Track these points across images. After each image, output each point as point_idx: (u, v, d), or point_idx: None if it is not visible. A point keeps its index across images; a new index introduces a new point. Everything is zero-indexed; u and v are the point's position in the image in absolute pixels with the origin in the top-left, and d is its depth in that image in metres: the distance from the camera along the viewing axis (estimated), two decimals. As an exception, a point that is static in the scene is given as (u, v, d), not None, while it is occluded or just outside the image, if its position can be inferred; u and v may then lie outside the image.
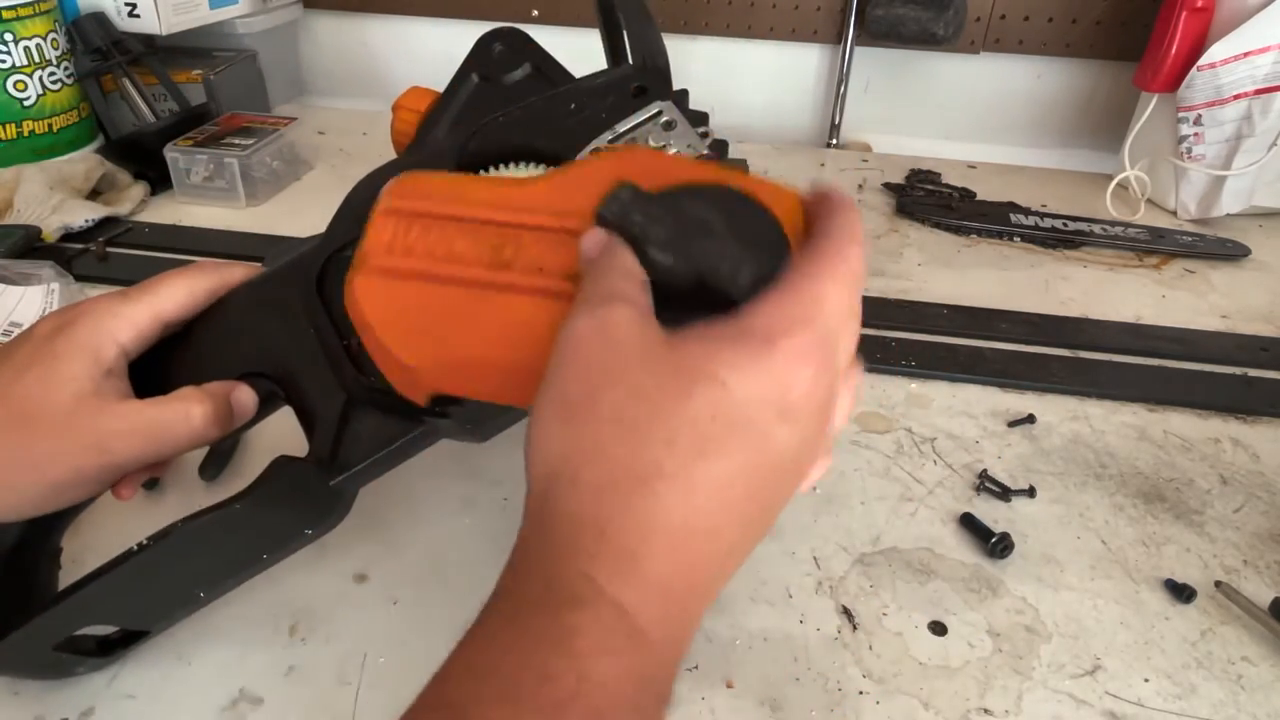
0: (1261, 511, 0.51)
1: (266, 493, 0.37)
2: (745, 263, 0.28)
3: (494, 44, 0.44)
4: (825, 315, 0.26)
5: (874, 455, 0.54)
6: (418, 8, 1.10)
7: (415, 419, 0.37)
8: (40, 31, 0.83)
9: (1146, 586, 0.45)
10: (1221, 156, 0.84)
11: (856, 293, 0.28)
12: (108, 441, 0.34)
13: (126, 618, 0.39)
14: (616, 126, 0.39)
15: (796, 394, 0.24)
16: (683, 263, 0.29)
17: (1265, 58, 0.79)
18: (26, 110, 0.84)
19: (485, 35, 0.44)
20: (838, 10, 1.03)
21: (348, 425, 0.37)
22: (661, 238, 0.29)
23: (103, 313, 0.36)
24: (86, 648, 0.39)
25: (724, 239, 0.29)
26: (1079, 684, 0.40)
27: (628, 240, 0.30)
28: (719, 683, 0.39)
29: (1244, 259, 0.81)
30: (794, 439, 0.25)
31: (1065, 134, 1.08)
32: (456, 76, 0.44)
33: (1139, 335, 0.68)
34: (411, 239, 0.34)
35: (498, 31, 0.44)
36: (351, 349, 0.37)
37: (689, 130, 0.38)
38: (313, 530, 0.39)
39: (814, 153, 1.06)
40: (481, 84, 0.44)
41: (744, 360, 0.24)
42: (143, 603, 0.39)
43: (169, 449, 0.35)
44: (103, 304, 0.37)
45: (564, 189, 0.33)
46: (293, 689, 0.39)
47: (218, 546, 0.38)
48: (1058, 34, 1.01)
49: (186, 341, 0.40)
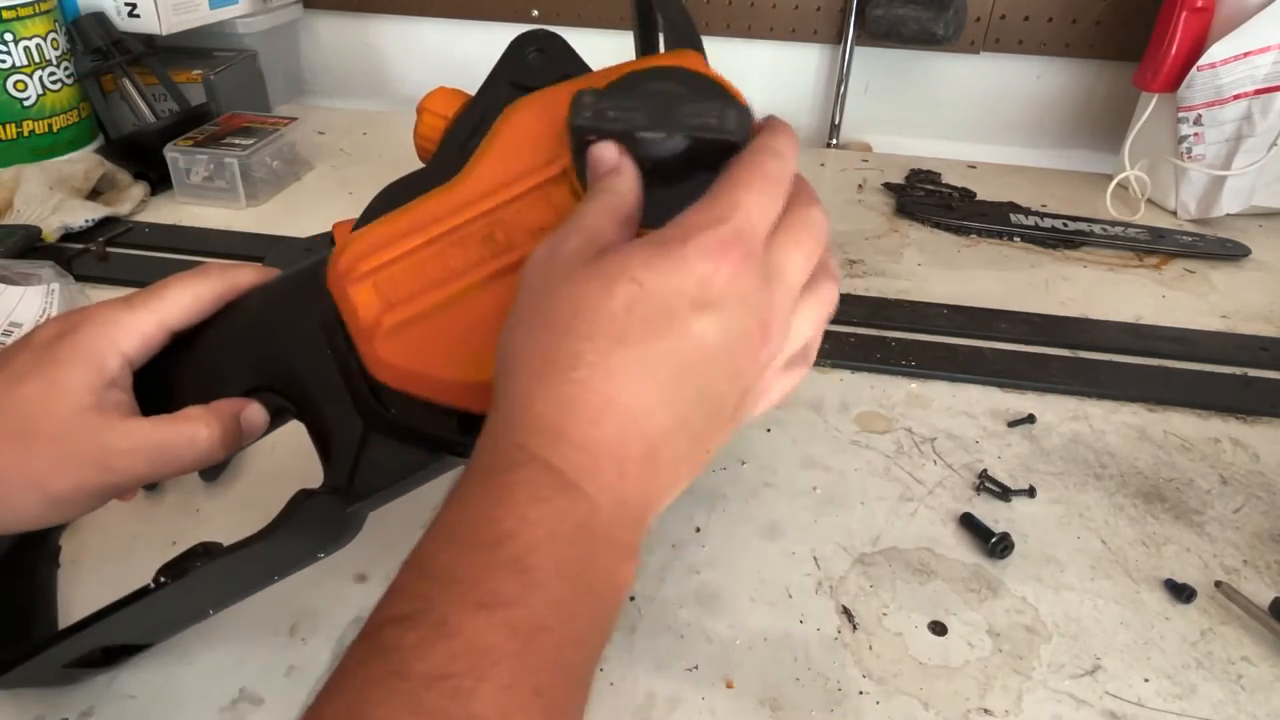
0: (1261, 511, 0.51)
1: (288, 529, 0.36)
2: (728, 108, 0.31)
3: (529, 49, 0.41)
4: (740, 215, 0.28)
5: (874, 455, 0.54)
6: (418, 7, 1.10)
7: (434, 449, 0.36)
8: (40, 31, 0.83)
9: (1146, 586, 0.45)
10: (1221, 156, 0.84)
11: (778, 200, 0.30)
12: (110, 460, 0.33)
13: (135, 637, 0.39)
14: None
15: (715, 286, 0.27)
16: (673, 131, 0.31)
17: (1265, 58, 0.79)
18: (26, 110, 0.84)
19: (520, 38, 0.41)
20: (838, 10, 1.03)
21: (365, 453, 0.36)
22: (643, 120, 0.31)
23: (106, 320, 0.35)
24: (93, 659, 0.39)
25: (698, 100, 0.31)
26: (1079, 684, 0.40)
27: (613, 136, 0.31)
28: (719, 683, 0.40)
29: (1244, 259, 0.81)
30: (715, 327, 0.27)
31: (1065, 134, 1.08)
32: (488, 82, 0.40)
33: (1139, 335, 0.68)
34: (403, 285, 0.34)
35: (533, 35, 0.41)
36: (370, 377, 0.36)
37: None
38: (324, 554, 0.38)
39: (814, 153, 1.06)
40: (514, 92, 0.40)
41: (657, 259, 0.27)
42: (153, 625, 0.39)
43: (173, 470, 0.35)
44: (106, 310, 0.36)
45: (509, 154, 0.34)
46: (293, 689, 0.39)
47: (233, 577, 0.37)
48: (1057, 34, 1.01)
49: (193, 350, 0.38)
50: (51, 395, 0.33)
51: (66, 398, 0.33)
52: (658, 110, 0.31)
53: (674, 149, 0.31)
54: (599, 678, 0.39)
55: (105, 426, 0.33)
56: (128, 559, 0.44)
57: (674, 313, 0.27)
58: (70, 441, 0.33)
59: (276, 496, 0.48)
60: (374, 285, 0.34)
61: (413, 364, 0.33)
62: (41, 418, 0.33)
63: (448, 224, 0.34)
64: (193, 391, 0.37)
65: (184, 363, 0.38)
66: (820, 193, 0.71)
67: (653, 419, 0.27)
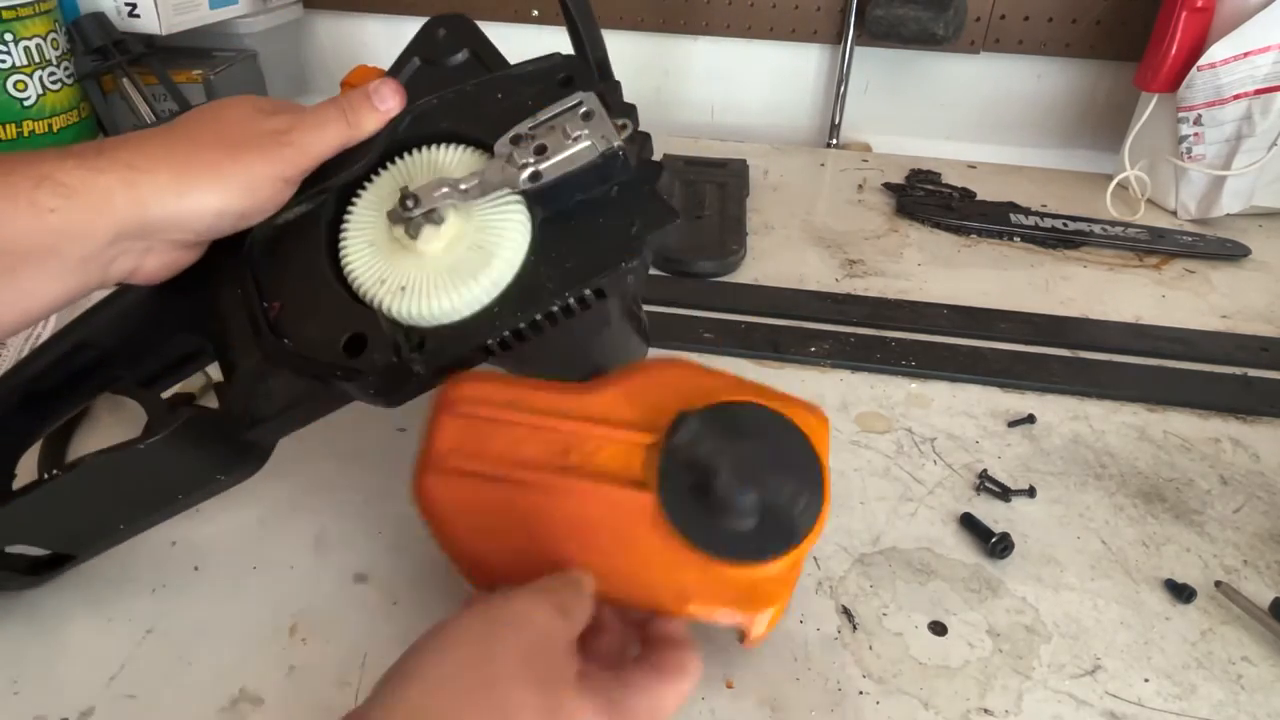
0: (1261, 511, 0.51)
1: (169, 436, 0.39)
2: (799, 494, 0.36)
3: (439, 29, 0.46)
4: None
5: (874, 455, 0.54)
6: (418, 8, 1.10)
7: (324, 381, 0.39)
8: (40, 31, 0.83)
9: (1146, 586, 0.45)
10: (1221, 156, 0.84)
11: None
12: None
13: (50, 541, 0.42)
14: (538, 114, 0.40)
15: None
16: (748, 489, 0.36)
17: (1265, 58, 0.79)
18: (26, 110, 0.84)
19: (431, 20, 0.46)
20: (838, 10, 1.03)
21: (261, 383, 0.40)
22: (729, 468, 0.36)
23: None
24: (18, 566, 0.42)
25: (776, 471, 0.37)
26: (1079, 684, 0.40)
27: (696, 468, 0.36)
28: (719, 683, 0.39)
29: (1244, 259, 0.81)
30: None
31: (1065, 134, 1.08)
32: (400, 59, 0.45)
33: (1139, 335, 0.68)
34: (479, 442, 0.38)
35: (444, 17, 0.46)
36: (270, 313, 0.40)
37: (605, 121, 0.39)
38: (225, 477, 0.42)
39: (814, 153, 1.06)
40: (423, 66, 0.45)
41: None
42: (64, 528, 0.42)
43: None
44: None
45: (633, 400, 0.39)
46: (293, 689, 0.39)
47: (128, 482, 0.40)
48: (1058, 34, 1.01)
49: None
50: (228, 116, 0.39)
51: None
52: (740, 464, 0.36)
53: (745, 506, 0.36)
54: (599, 678, 0.39)
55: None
56: (128, 558, 0.44)
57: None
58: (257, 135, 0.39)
59: (276, 496, 0.48)
60: (462, 426, 0.38)
61: (441, 508, 0.38)
62: (232, 127, 0.39)
63: (547, 419, 0.38)
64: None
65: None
66: (820, 193, 0.71)
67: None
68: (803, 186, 0.95)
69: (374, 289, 0.39)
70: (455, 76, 0.45)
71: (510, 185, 0.39)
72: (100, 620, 0.42)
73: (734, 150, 1.01)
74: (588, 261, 0.39)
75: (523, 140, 0.40)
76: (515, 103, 0.42)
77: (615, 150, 0.39)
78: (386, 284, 0.39)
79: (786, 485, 0.36)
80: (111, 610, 0.42)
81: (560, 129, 0.39)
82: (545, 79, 0.43)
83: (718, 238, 0.78)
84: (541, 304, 0.39)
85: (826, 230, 0.84)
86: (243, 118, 0.39)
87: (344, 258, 0.41)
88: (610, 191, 0.40)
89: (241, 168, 0.38)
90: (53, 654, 0.40)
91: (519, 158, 0.39)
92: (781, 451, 0.38)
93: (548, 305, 0.39)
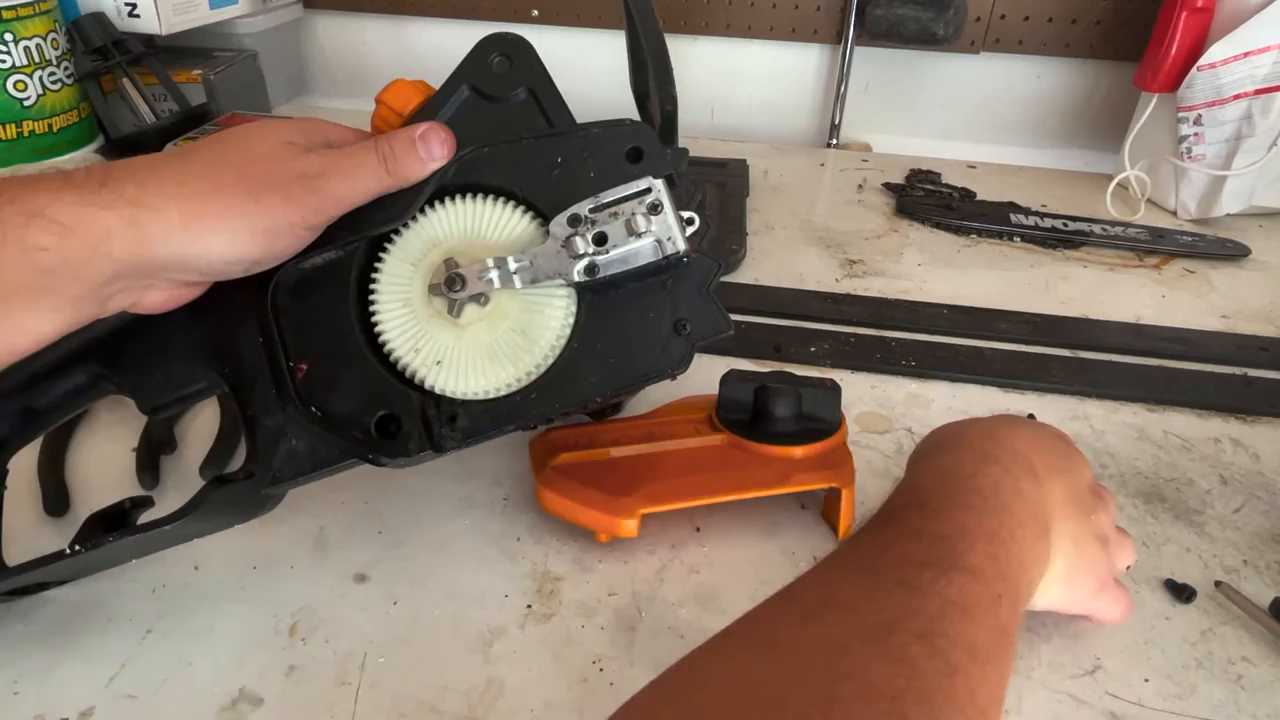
0: (1261, 511, 0.51)
1: (202, 513, 0.39)
2: (822, 401, 0.48)
3: (493, 54, 0.40)
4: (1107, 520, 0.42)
5: (874, 455, 0.54)
6: (418, 8, 1.10)
7: (349, 451, 0.38)
8: (40, 31, 0.83)
9: (1146, 586, 0.45)
10: (1221, 156, 0.84)
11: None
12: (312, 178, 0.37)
13: (53, 580, 0.43)
14: (600, 196, 0.38)
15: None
16: (785, 403, 0.48)
17: (1265, 58, 0.79)
18: (26, 110, 0.84)
19: (486, 40, 0.41)
20: (838, 10, 1.03)
21: (285, 442, 0.39)
22: (771, 397, 0.48)
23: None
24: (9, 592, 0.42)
25: (820, 399, 0.48)
26: (1079, 684, 0.40)
27: (748, 407, 0.49)
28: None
29: (1244, 259, 0.81)
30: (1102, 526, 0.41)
31: (1065, 134, 1.08)
32: (448, 83, 0.41)
33: (1139, 335, 0.68)
34: (577, 445, 0.47)
35: (500, 38, 0.40)
36: (296, 373, 0.38)
37: (671, 217, 0.38)
38: (242, 522, 0.42)
39: (814, 153, 1.06)
40: (473, 97, 0.41)
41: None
42: (72, 574, 0.43)
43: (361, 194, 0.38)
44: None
45: (682, 408, 0.51)
46: (293, 689, 0.39)
47: (147, 545, 0.41)
48: (1057, 34, 1.01)
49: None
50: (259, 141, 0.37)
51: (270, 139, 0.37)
52: (781, 394, 0.47)
53: (785, 413, 0.47)
54: (599, 677, 0.39)
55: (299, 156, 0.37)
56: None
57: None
58: (281, 166, 0.36)
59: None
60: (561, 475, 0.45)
61: (557, 502, 0.44)
62: (256, 153, 0.37)
63: (626, 427, 0.49)
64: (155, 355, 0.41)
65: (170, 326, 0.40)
66: (820, 193, 0.71)
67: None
68: (802, 186, 0.95)
69: (409, 358, 0.38)
70: (509, 118, 0.41)
71: (564, 277, 0.38)
72: (100, 620, 0.42)
73: (734, 150, 1.01)
74: (633, 362, 0.38)
75: (581, 223, 0.38)
76: (575, 172, 0.39)
77: (680, 255, 0.38)
78: (421, 354, 0.38)
79: (806, 398, 0.48)
80: (111, 610, 0.42)
81: (624, 220, 0.37)
82: (611, 148, 0.40)
83: (718, 238, 0.78)
84: (581, 396, 0.38)
85: (826, 230, 0.84)
86: (270, 155, 0.36)
87: (376, 318, 0.39)
88: (665, 282, 0.39)
89: (263, 211, 0.35)
90: (53, 654, 0.40)
91: (577, 245, 0.37)
92: (794, 383, 0.49)
93: (587, 399, 0.38)
